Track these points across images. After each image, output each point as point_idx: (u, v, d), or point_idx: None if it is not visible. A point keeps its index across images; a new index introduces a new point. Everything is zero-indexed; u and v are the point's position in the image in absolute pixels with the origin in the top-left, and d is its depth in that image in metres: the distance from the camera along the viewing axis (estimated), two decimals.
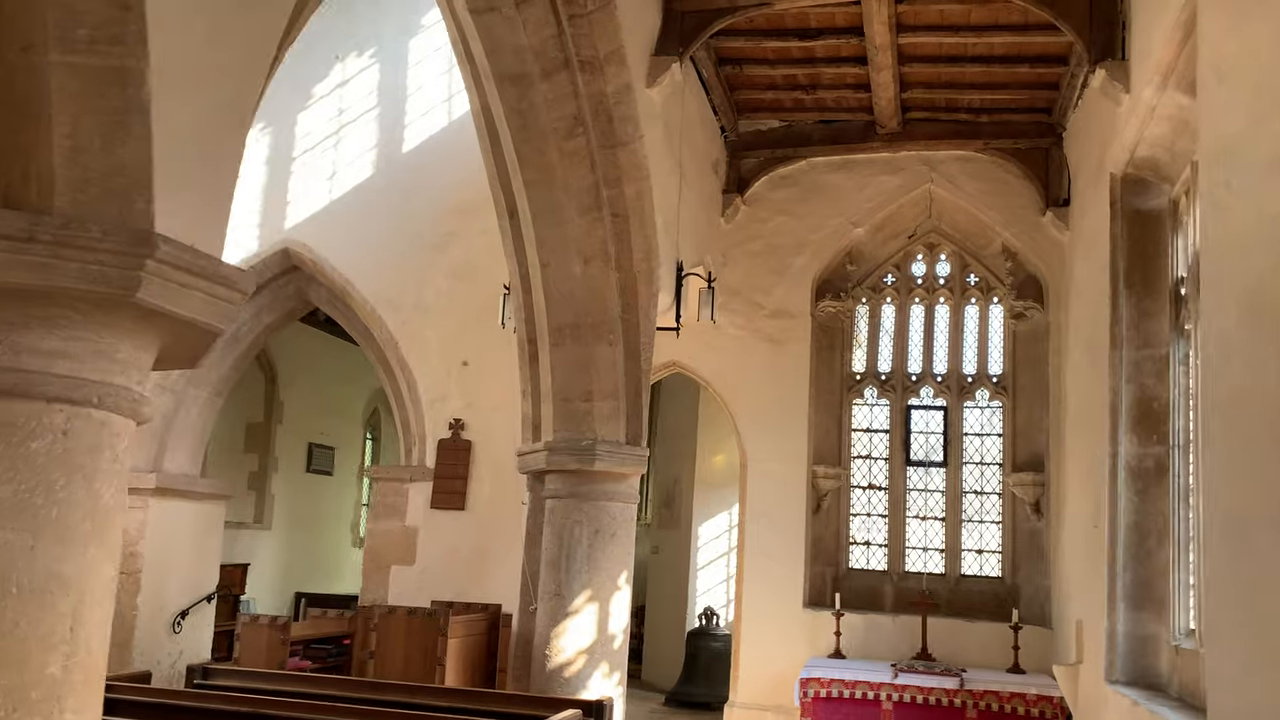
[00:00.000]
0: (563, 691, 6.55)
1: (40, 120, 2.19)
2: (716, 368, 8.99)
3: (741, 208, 9.13)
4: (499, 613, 7.79)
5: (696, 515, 11.46)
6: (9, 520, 2.16)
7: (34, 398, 2.21)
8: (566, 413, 6.85)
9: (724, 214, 9.07)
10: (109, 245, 2.17)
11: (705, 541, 11.67)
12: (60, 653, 2.24)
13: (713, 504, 11.51)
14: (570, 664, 6.68)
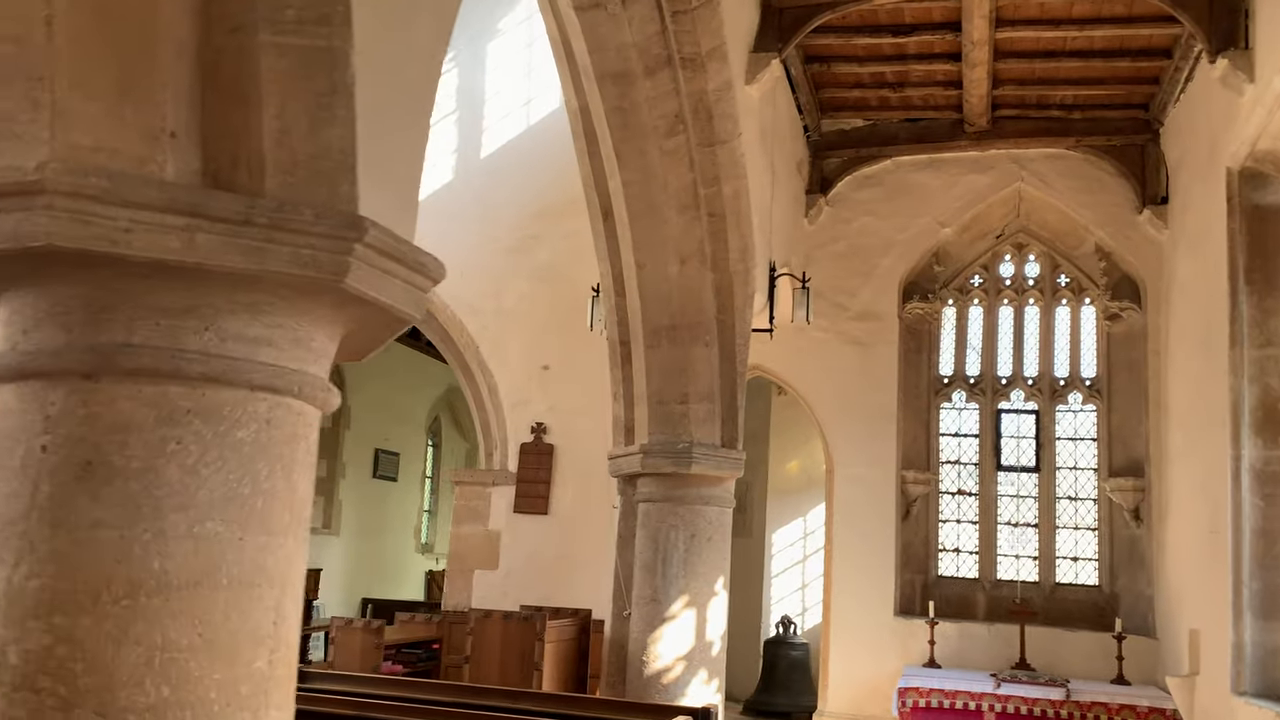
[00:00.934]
0: (661, 698, 6.45)
1: (249, 103, 2.14)
2: (800, 371, 8.85)
3: (825, 208, 9.01)
4: (589, 618, 7.71)
5: (770, 522, 11.32)
6: (219, 510, 2.11)
7: (239, 385, 2.16)
8: (662, 415, 6.76)
9: (807, 215, 8.94)
10: (321, 229, 2.12)
11: (779, 549, 11.51)
12: (266, 647, 2.19)
13: (786, 511, 11.36)
14: (668, 670, 6.57)
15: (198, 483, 2.10)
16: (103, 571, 1.99)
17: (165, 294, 2.10)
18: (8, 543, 2.03)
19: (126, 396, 2.06)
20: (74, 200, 1.92)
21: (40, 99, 1.98)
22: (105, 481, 2.03)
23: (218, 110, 2.15)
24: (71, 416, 2.05)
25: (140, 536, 2.03)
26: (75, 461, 2.03)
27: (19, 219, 1.93)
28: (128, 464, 2.04)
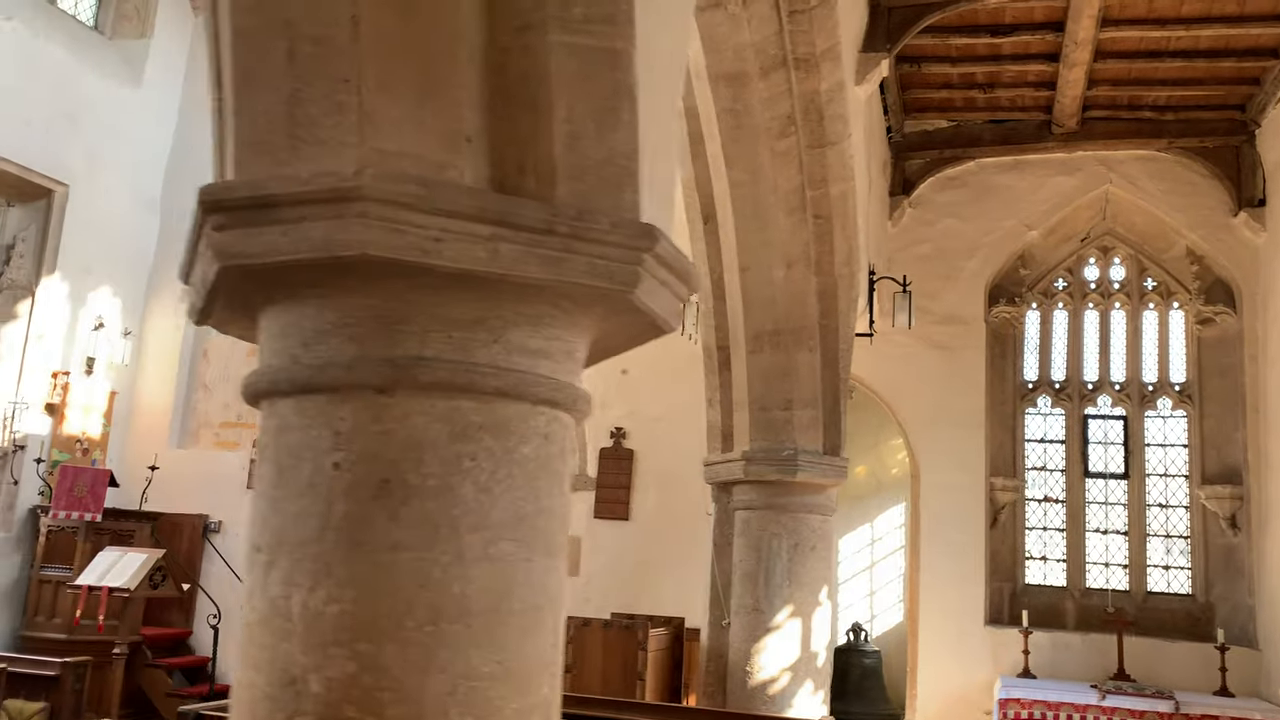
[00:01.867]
0: (766, 709, 6.35)
1: (538, 106, 2.05)
2: (884, 376, 8.73)
3: (908, 210, 8.89)
4: (682, 626, 7.61)
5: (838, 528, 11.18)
6: (509, 531, 2.02)
7: (524, 399, 2.07)
8: (764, 422, 6.66)
9: (890, 217, 8.83)
10: (616, 238, 2.02)
11: (845, 555, 11.40)
12: (549, 673, 2.10)
13: (854, 517, 11.24)
14: (773, 681, 6.48)
15: (490, 501, 2.01)
16: (405, 596, 1.91)
17: (455, 305, 2.01)
18: (300, 565, 1.94)
19: (420, 412, 1.98)
20: (388, 208, 1.84)
21: (346, 102, 1.89)
22: (403, 501, 1.94)
23: (504, 114, 2.06)
24: (364, 433, 1.96)
25: (440, 559, 1.94)
26: (371, 480, 1.94)
27: (330, 227, 1.85)
28: (424, 482, 1.95)
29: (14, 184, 8.98)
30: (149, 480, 8.99)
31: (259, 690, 1.94)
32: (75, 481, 8.27)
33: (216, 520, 9.45)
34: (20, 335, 9.03)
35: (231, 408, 9.86)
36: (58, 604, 8.32)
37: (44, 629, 8.26)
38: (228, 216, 1.90)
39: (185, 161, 10.44)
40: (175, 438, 9.85)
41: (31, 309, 9.07)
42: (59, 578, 8.34)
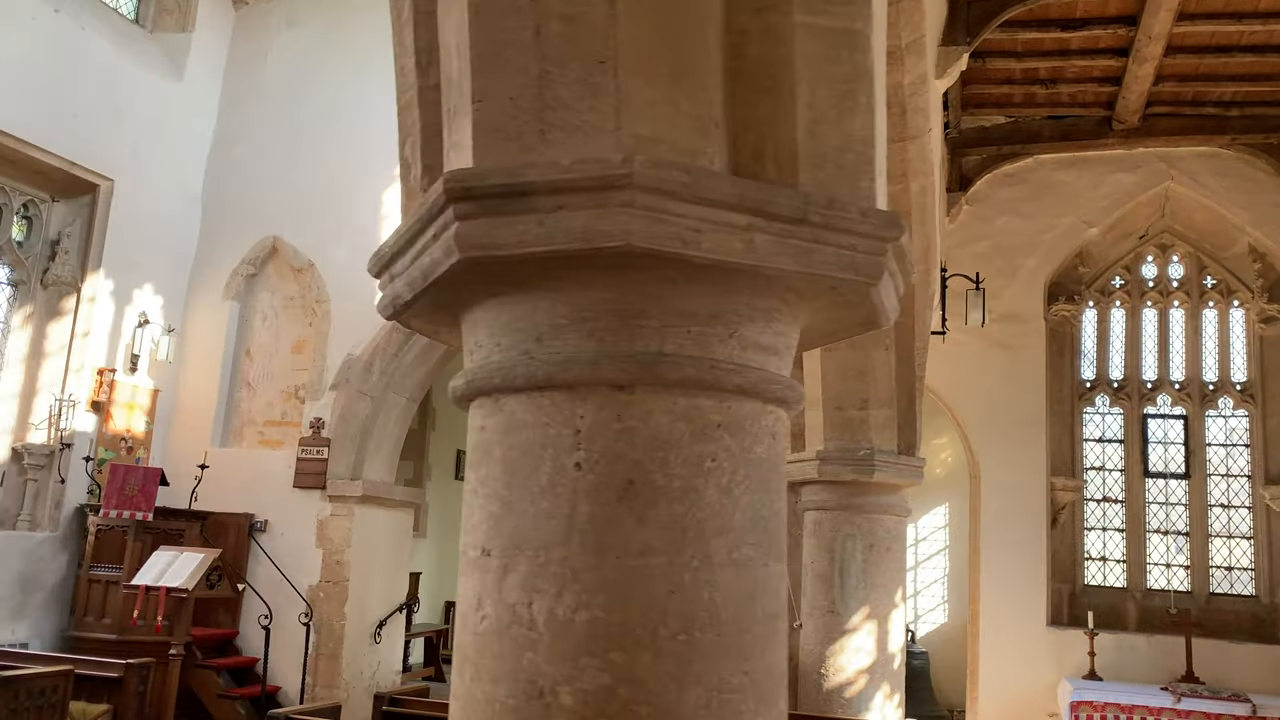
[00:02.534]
0: (844, 712, 6.26)
1: (779, 90, 1.96)
2: (943, 375, 8.63)
3: (965, 207, 8.79)
4: None
5: None
6: (749, 534, 1.93)
7: (758, 397, 1.98)
8: (840, 421, 6.57)
9: (948, 213, 8.73)
10: (866, 229, 1.93)
11: None
12: (782, 685, 2.01)
13: None
14: (850, 684, 6.39)
15: (732, 504, 1.92)
16: (657, 603, 1.81)
17: (693, 299, 1.92)
18: (544, 569, 1.85)
19: (663, 410, 1.88)
20: (654, 196, 1.74)
21: (601, 84, 1.80)
22: (650, 503, 1.85)
23: (741, 98, 1.97)
24: (606, 431, 1.87)
25: (689, 564, 1.85)
26: (616, 481, 1.85)
27: (591, 216, 1.75)
28: (669, 484, 1.86)
29: (60, 179, 8.88)
30: (198, 479, 8.89)
31: (500, 704, 1.85)
32: (126, 480, 8.17)
33: (262, 519, 9.34)
34: (65, 332, 8.93)
35: (275, 406, 9.75)
36: (108, 604, 8.22)
37: (93, 629, 8.16)
38: (476, 205, 1.80)
39: (226, 157, 10.33)
40: (218, 436, 9.74)
41: (77, 306, 8.97)
42: (109, 577, 8.24)
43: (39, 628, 8.31)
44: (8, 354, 8.74)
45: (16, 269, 8.81)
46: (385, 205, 9.79)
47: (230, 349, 9.89)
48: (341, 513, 9.16)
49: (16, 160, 8.46)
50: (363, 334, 9.49)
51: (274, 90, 10.40)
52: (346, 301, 9.61)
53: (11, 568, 8.10)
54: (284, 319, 9.90)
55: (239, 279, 9.96)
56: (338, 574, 9.04)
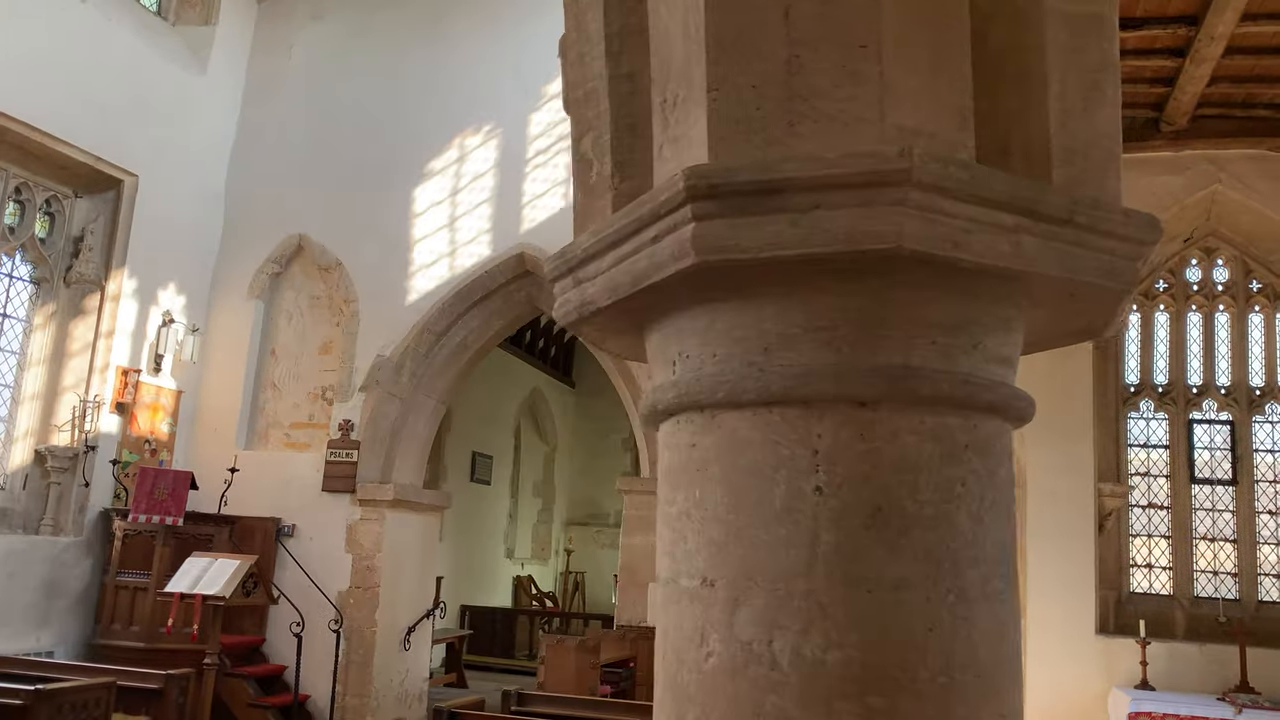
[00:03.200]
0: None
1: (1030, 80, 1.80)
2: None
3: None
4: None
5: None
6: (998, 565, 1.76)
7: (1004, 415, 1.82)
8: None
9: None
10: (1127, 231, 1.77)
11: None
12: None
13: None
14: None
15: (983, 533, 1.75)
16: (915, 641, 1.65)
17: (936, 307, 1.75)
18: (786, 604, 1.68)
19: (910, 429, 1.72)
20: (929, 194, 1.57)
21: (863, 71, 1.63)
22: (901, 531, 1.68)
23: (986, 87, 1.80)
24: (848, 452, 1.70)
25: (945, 598, 1.68)
26: (862, 507, 1.68)
27: (856, 216, 1.58)
28: (920, 510, 1.69)
29: (85, 174, 8.66)
30: (228, 483, 8.67)
31: None
32: (156, 484, 7.96)
33: (289, 524, 9.14)
34: (89, 332, 8.71)
35: (301, 408, 9.55)
36: (135, 611, 8.01)
37: (121, 637, 7.95)
38: (719, 204, 1.63)
39: (249, 153, 10.13)
40: (243, 438, 9.54)
41: (100, 304, 8.75)
42: (137, 584, 8.03)
43: (63, 635, 8.10)
44: (30, 353, 8.51)
45: (39, 266, 8.59)
46: (416, 203, 9.60)
47: (255, 349, 9.69)
48: (372, 517, 8.98)
49: (42, 155, 8.24)
50: (392, 335, 9.30)
51: (298, 85, 10.20)
52: (375, 301, 9.43)
53: (36, 574, 7.89)
54: (310, 319, 9.70)
55: (264, 278, 9.76)
56: (368, 580, 8.86)
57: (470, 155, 9.59)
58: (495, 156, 9.52)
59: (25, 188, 8.41)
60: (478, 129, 9.62)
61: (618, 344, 2.24)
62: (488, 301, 9.47)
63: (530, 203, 9.35)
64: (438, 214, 9.51)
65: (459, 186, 9.54)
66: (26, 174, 8.39)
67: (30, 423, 8.41)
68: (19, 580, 7.76)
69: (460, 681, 11.21)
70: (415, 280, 9.38)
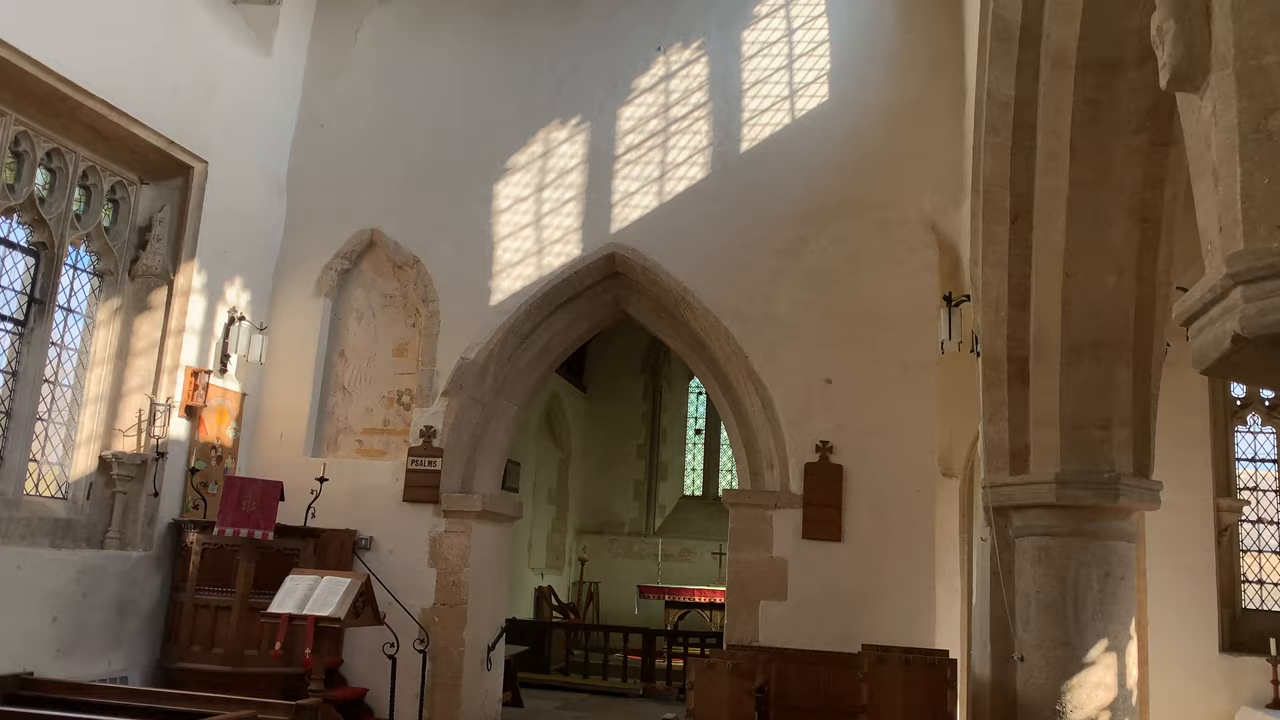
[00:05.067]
0: None
1: None
2: None
3: None
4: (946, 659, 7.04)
5: None
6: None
7: None
8: (1079, 442, 6.15)
9: None
10: None
11: None
12: None
13: None
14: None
15: None
16: None
17: None
18: None
19: None
20: None
21: None
22: None
23: None
24: None
25: None
26: None
27: None
28: None
29: (154, 159, 8.01)
30: (315, 493, 8.08)
31: None
32: (244, 494, 7.36)
33: (366, 536, 8.58)
34: (155, 329, 8.07)
35: (375, 413, 9.00)
36: (217, 632, 7.39)
37: (202, 659, 7.32)
38: None
39: (312, 140, 9.54)
40: (310, 445, 8.95)
41: (168, 300, 8.11)
42: (218, 602, 7.42)
43: (133, 658, 7.47)
44: (94, 351, 7.85)
45: (103, 257, 7.92)
46: (498, 199, 9.12)
47: (323, 350, 9.13)
48: (458, 529, 8.48)
49: (113, 136, 7.60)
50: (475, 337, 8.82)
51: (365, 71, 9.66)
52: (456, 301, 8.94)
53: (108, 591, 7.25)
54: (383, 318, 9.17)
55: (332, 274, 9.20)
56: (455, 596, 8.35)
57: (555, 150, 9.14)
58: (583, 152, 9.07)
59: (93, 172, 7.75)
60: (564, 123, 9.17)
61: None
62: (574, 303, 9.02)
63: (621, 201, 8.93)
64: (521, 211, 9.04)
65: (544, 182, 9.08)
66: (95, 157, 7.73)
67: (94, 427, 7.74)
68: (92, 599, 7.11)
69: (516, 700, 10.71)
70: (499, 280, 8.89)
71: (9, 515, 6.93)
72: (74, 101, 7.09)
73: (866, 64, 8.75)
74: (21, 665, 6.44)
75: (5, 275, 7.14)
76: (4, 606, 6.41)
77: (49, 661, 6.70)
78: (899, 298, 8.23)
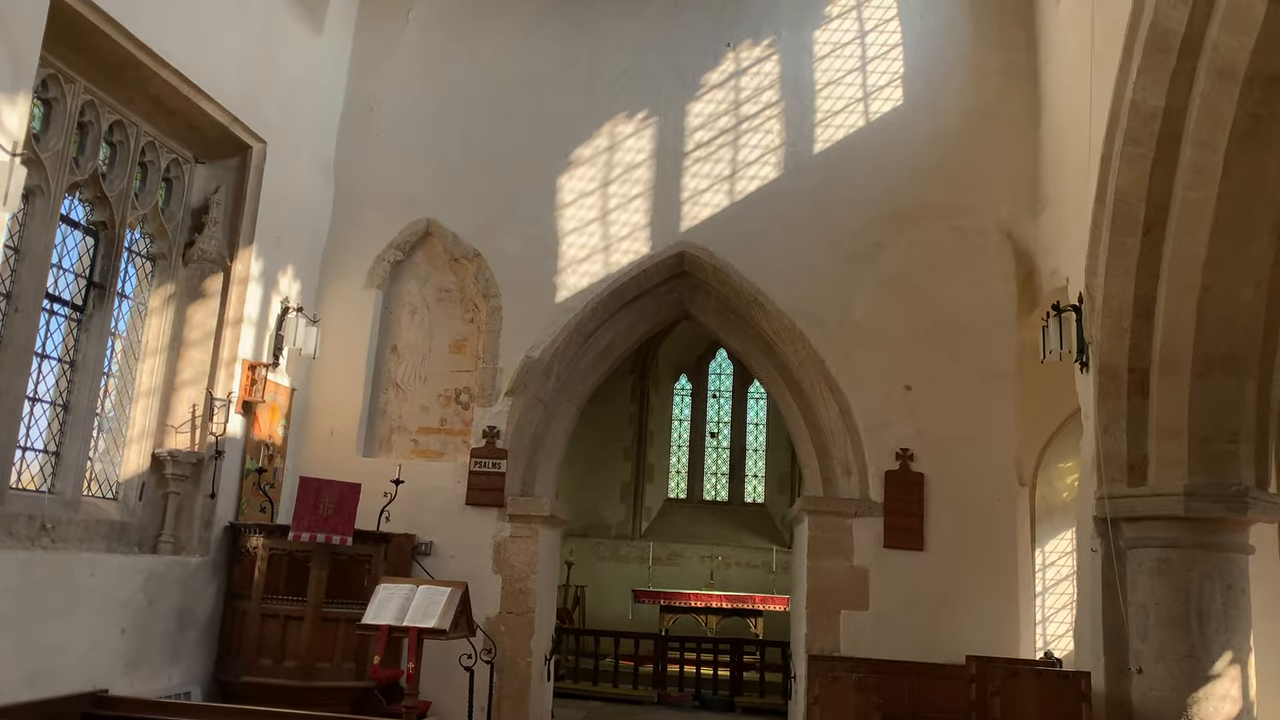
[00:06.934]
0: None
1: None
2: None
3: None
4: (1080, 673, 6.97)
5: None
6: None
7: None
8: (1206, 454, 6.16)
9: None
10: None
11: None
12: None
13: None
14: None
15: None
16: None
17: None
18: None
19: None
20: None
21: None
22: None
23: None
24: None
25: None
26: None
27: None
28: None
29: (214, 137, 7.49)
30: (389, 496, 7.64)
31: None
32: (320, 497, 6.92)
33: (426, 541, 8.19)
34: (210, 318, 7.55)
35: (431, 411, 8.59)
36: (287, 643, 6.93)
37: (272, 674, 6.84)
38: None
39: (361, 124, 9.09)
40: (362, 444, 8.50)
41: (225, 287, 7.60)
42: (289, 611, 6.95)
43: (192, 671, 6.98)
44: (145, 341, 7.31)
45: (158, 240, 7.38)
46: (562, 193, 8.81)
47: (374, 344, 8.70)
48: (524, 534, 8.15)
49: (177, 110, 7.09)
50: (540, 334, 8.51)
51: (416, 53, 9.26)
52: (519, 298, 8.62)
53: (170, 600, 6.76)
54: (438, 313, 8.78)
55: (385, 265, 8.78)
56: (522, 604, 8.03)
57: (621, 144, 8.86)
58: (651, 147, 8.82)
59: (150, 149, 7.20)
60: (630, 116, 8.90)
61: None
62: (638, 302, 8.77)
63: (691, 199, 8.70)
64: (586, 206, 8.74)
65: (610, 177, 8.80)
66: (155, 133, 7.19)
67: (145, 422, 7.20)
68: (157, 609, 6.59)
69: None
70: (565, 276, 8.58)
71: (68, 518, 6.38)
72: (147, 71, 6.57)
73: (940, 69, 8.70)
74: (94, 682, 5.92)
75: (66, 257, 6.58)
76: (78, 617, 5.88)
77: (117, 677, 6.18)
78: (977, 305, 8.19)
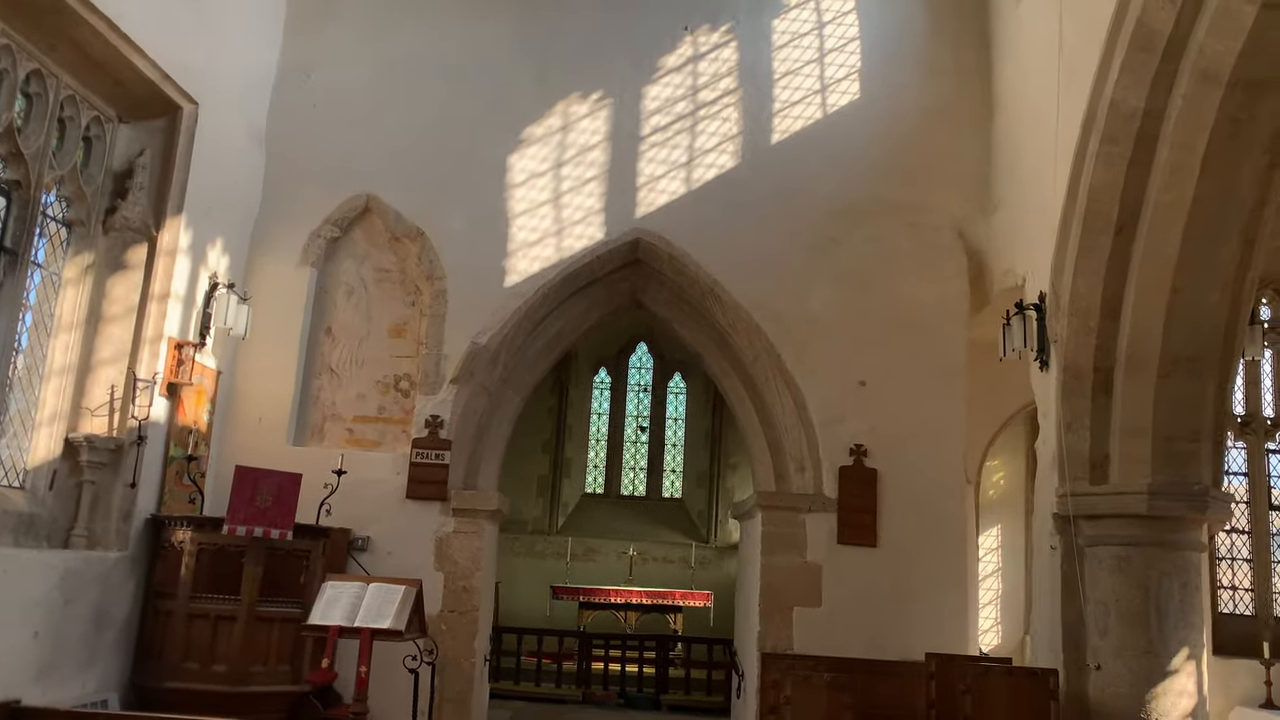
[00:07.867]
0: None
1: None
2: None
3: None
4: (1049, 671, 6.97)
5: None
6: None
7: None
8: (1168, 453, 6.25)
9: None
10: None
11: None
12: None
13: None
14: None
15: None
16: None
17: None
18: None
19: None
20: None
21: None
22: None
23: None
24: None
25: None
26: None
27: None
28: None
29: (141, 94, 6.85)
30: (331, 487, 7.13)
31: None
32: (258, 488, 6.41)
33: (362, 536, 7.71)
34: (131, 292, 6.92)
35: (369, 398, 8.10)
36: (217, 645, 6.39)
37: (197, 679, 6.30)
38: None
39: (295, 90, 8.52)
40: (293, 433, 7.96)
41: (150, 259, 6.98)
42: (220, 611, 6.42)
43: (108, 677, 6.40)
44: (59, 315, 6.65)
45: (75, 204, 6.72)
46: (512, 172, 8.45)
47: (306, 326, 8.18)
48: (469, 529, 7.79)
49: (104, 62, 6.47)
50: (486, 320, 8.15)
51: (358, 15, 8.76)
52: (465, 281, 8.23)
53: (88, 599, 6.17)
54: (376, 295, 8.32)
55: (320, 242, 8.26)
56: (465, 603, 7.67)
57: (575, 125, 8.55)
58: (606, 129, 8.53)
59: (70, 103, 6.54)
60: (584, 96, 8.59)
61: None
62: (590, 289, 8.47)
63: (647, 185, 8.45)
64: (538, 187, 8.39)
65: (563, 159, 8.47)
66: (77, 86, 6.53)
67: (57, 404, 6.54)
68: (73, 609, 5.99)
69: None
70: (515, 260, 8.22)
71: None
72: (72, 15, 5.94)
73: (896, 65, 8.68)
74: (5, 691, 5.30)
75: None
76: None
77: (29, 685, 5.56)
78: (931, 302, 8.20)
